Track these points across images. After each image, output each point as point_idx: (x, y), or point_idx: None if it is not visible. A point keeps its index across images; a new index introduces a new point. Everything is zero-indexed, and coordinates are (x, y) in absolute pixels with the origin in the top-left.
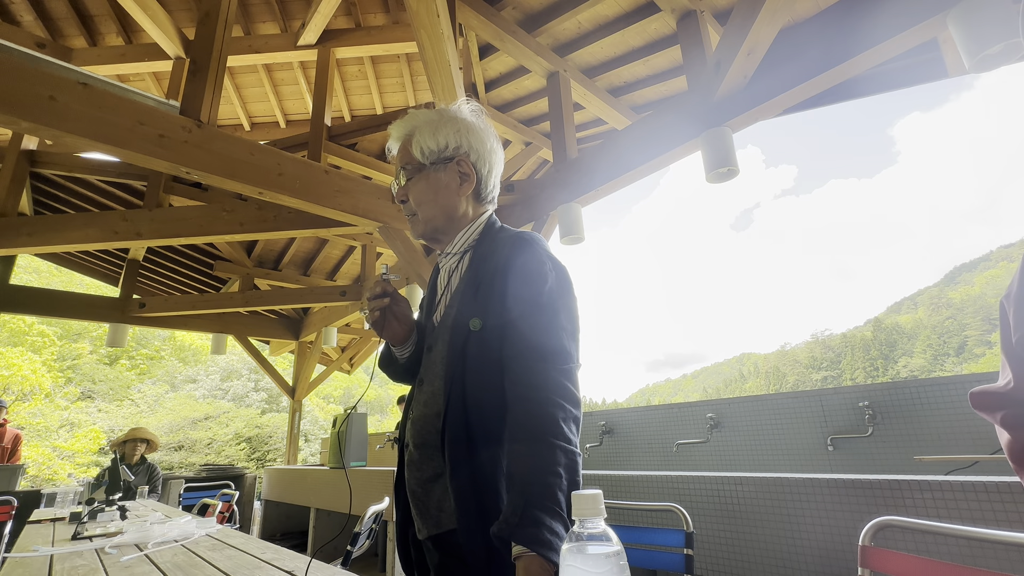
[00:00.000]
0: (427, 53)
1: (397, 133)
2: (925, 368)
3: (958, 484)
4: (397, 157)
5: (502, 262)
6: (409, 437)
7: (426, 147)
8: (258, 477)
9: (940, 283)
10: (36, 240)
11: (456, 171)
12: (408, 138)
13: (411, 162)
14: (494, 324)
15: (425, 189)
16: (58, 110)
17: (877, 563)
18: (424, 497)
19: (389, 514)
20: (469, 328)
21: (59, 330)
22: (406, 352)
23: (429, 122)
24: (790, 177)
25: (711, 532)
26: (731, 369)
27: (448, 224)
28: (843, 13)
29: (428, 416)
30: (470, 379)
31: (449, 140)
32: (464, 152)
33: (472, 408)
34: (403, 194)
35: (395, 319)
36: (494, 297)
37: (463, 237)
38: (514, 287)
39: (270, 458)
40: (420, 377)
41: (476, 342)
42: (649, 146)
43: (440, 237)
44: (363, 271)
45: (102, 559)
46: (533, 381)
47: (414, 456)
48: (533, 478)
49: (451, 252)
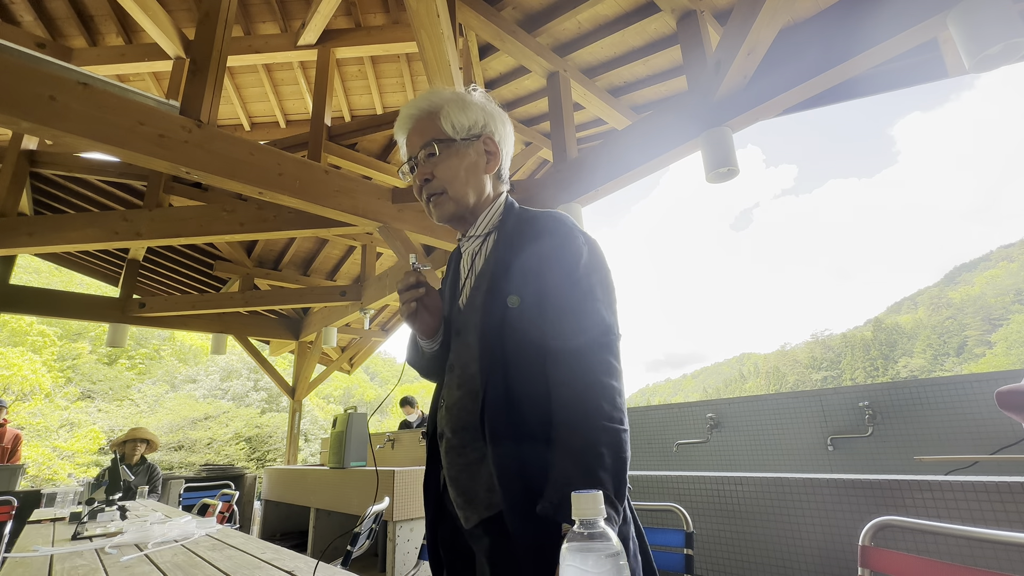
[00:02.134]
0: (427, 53)
1: (418, 109)
2: (925, 368)
3: (958, 484)
4: (419, 133)
5: (534, 239)
6: (444, 424)
7: (458, 122)
8: (258, 477)
9: (940, 283)
10: (36, 240)
11: (483, 149)
12: (434, 113)
13: (441, 136)
14: (531, 301)
15: (456, 165)
16: (58, 110)
17: (877, 563)
18: (469, 482)
19: (389, 514)
20: (506, 305)
21: (59, 330)
22: (435, 345)
23: (457, 99)
24: (790, 177)
25: (711, 532)
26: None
27: (476, 203)
28: (843, 13)
29: (464, 400)
30: (509, 357)
31: (477, 118)
32: (490, 130)
33: (513, 386)
34: (428, 172)
35: (426, 311)
36: (530, 274)
37: (485, 218)
38: (550, 263)
39: (270, 458)
40: (450, 363)
41: (514, 319)
42: (649, 146)
43: (467, 216)
44: (363, 271)
45: (102, 559)
46: (575, 359)
47: (453, 442)
48: (576, 459)
49: (473, 235)
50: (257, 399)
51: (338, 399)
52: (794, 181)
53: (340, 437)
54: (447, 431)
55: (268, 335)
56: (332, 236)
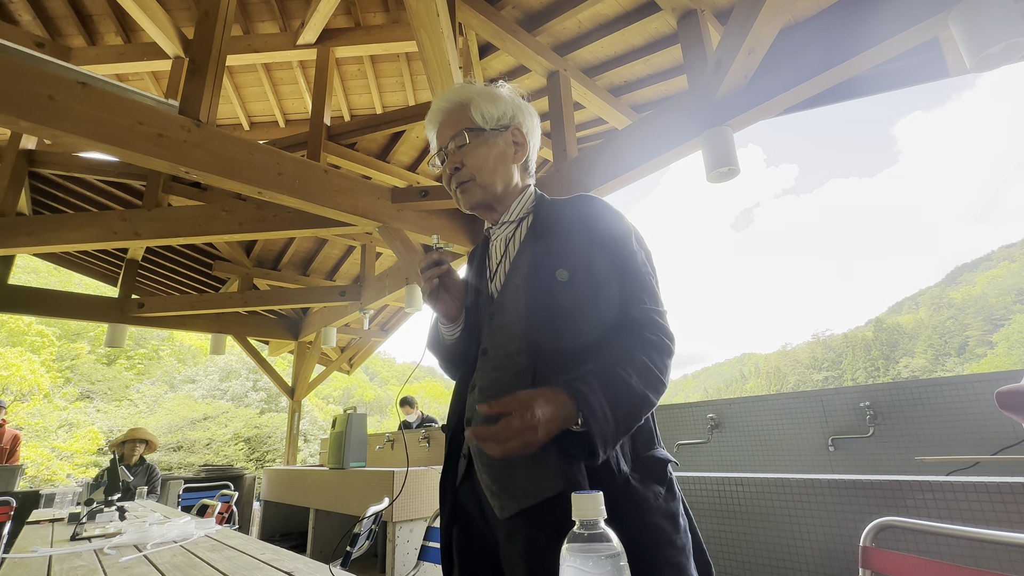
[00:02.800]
0: (427, 52)
1: (449, 101)
2: (926, 368)
3: (959, 485)
4: (450, 124)
5: (579, 218)
6: (474, 412)
7: (487, 113)
8: (257, 477)
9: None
10: (35, 240)
11: (511, 140)
12: (465, 104)
13: (472, 126)
14: (582, 275)
15: (486, 154)
16: (57, 110)
17: (878, 564)
18: (507, 470)
19: (388, 515)
20: (553, 279)
21: (58, 330)
22: (456, 332)
23: (486, 91)
24: (791, 176)
25: (712, 532)
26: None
27: (504, 192)
28: (844, 12)
29: (504, 378)
30: (560, 330)
31: (506, 109)
32: (518, 122)
33: (566, 359)
34: (458, 160)
35: (447, 292)
36: (579, 249)
37: (518, 205)
38: (602, 238)
39: (269, 458)
40: (483, 348)
41: (562, 293)
42: (649, 146)
43: (496, 206)
44: (363, 271)
45: (101, 560)
46: (632, 329)
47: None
48: (611, 368)
49: (507, 221)
50: (256, 399)
51: (337, 399)
52: (795, 181)
53: (339, 438)
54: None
55: (267, 335)
56: (331, 236)
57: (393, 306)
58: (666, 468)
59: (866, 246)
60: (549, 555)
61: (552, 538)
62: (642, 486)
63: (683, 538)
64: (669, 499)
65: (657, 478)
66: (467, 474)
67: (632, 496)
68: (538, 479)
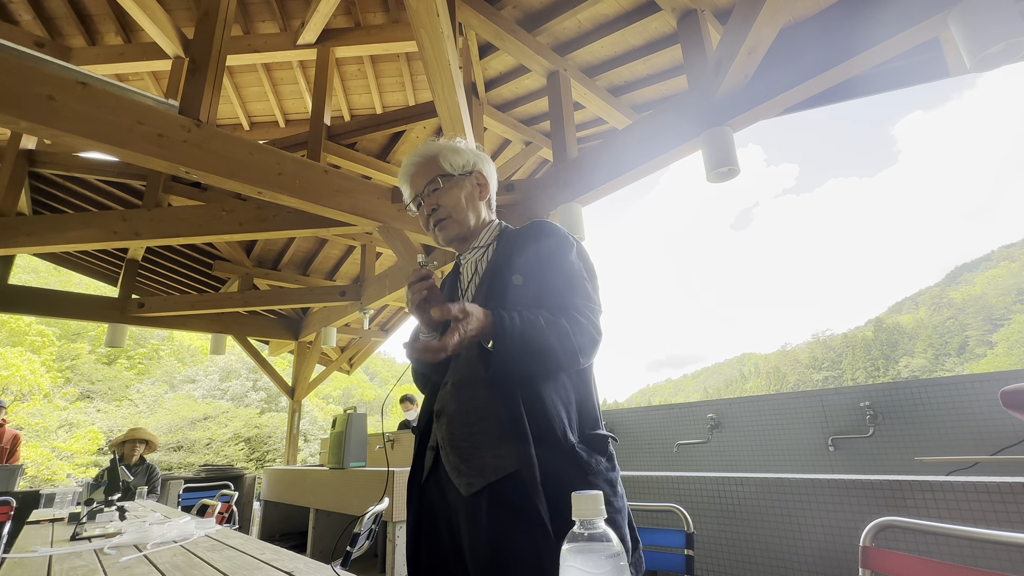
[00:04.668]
0: (427, 52)
1: (420, 156)
2: (926, 368)
3: (959, 485)
4: (423, 174)
5: (534, 238)
6: (448, 398)
7: (454, 162)
8: (257, 477)
9: (941, 283)
10: (35, 240)
11: (476, 182)
12: (434, 158)
13: (442, 173)
14: (532, 280)
15: (457, 195)
16: (57, 109)
17: (878, 564)
18: (474, 450)
19: (388, 515)
20: (510, 283)
21: (58, 330)
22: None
23: (449, 146)
24: (791, 176)
25: (712, 533)
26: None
27: (475, 225)
28: (844, 12)
29: (476, 373)
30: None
31: (468, 158)
32: (479, 168)
33: None
34: (434, 202)
35: (430, 304)
36: (531, 261)
37: (486, 234)
38: (548, 252)
39: (269, 458)
40: (458, 353)
41: (517, 293)
42: (649, 146)
43: (468, 237)
44: (362, 271)
45: (101, 560)
46: (565, 313)
47: (458, 410)
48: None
49: (477, 246)
50: (256, 399)
51: (337, 399)
52: (795, 180)
53: (339, 437)
54: (451, 402)
55: (267, 335)
56: (331, 236)
57: (393, 306)
58: (607, 442)
59: (866, 246)
60: (511, 537)
61: (512, 519)
62: (586, 454)
63: (620, 502)
64: (609, 469)
65: (599, 450)
66: (433, 467)
67: (577, 460)
68: (500, 456)
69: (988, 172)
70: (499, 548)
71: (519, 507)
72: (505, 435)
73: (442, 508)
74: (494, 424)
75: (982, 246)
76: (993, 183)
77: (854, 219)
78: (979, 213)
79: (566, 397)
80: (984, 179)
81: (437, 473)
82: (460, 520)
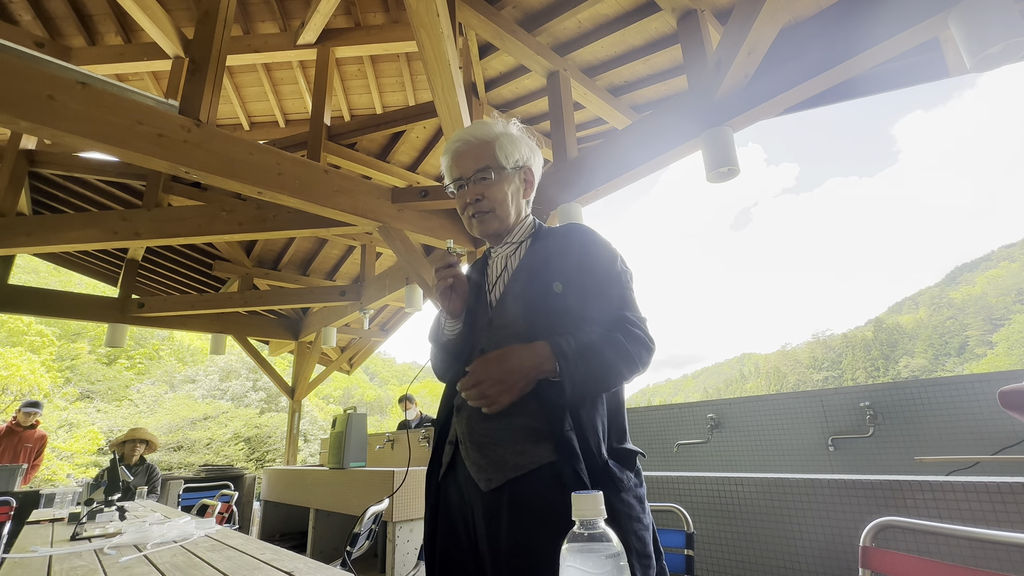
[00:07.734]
0: (427, 52)
1: (475, 136)
2: (926, 368)
3: (959, 485)
4: (475, 158)
5: (575, 243)
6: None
7: (509, 154)
8: (257, 477)
9: (941, 283)
10: (35, 240)
11: (524, 178)
12: (490, 143)
13: (494, 165)
14: (574, 288)
15: (505, 191)
16: (57, 109)
17: (878, 564)
18: (494, 446)
19: (388, 515)
20: (549, 290)
21: (57, 330)
22: (456, 327)
23: (508, 134)
24: (791, 176)
25: (712, 533)
26: (732, 369)
27: (514, 222)
28: (844, 12)
29: None
30: (557, 325)
31: (523, 152)
32: (531, 163)
33: None
34: (479, 192)
35: (455, 291)
36: (571, 268)
37: (520, 230)
38: (592, 260)
39: (269, 458)
40: (482, 347)
41: (557, 302)
42: (649, 145)
43: (504, 235)
44: (362, 271)
45: (101, 560)
46: (621, 322)
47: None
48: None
49: (510, 242)
50: (256, 399)
51: (337, 399)
52: (795, 180)
53: (340, 438)
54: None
55: (267, 335)
56: (331, 236)
57: (393, 306)
58: (635, 458)
59: (866, 245)
60: (531, 535)
61: (533, 518)
62: (618, 470)
63: (648, 519)
64: (638, 485)
65: (629, 465)
66: (452, 463)
67: (610, 476)
68: (520, 453)
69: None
70: (518, 545)
71: (535, 506)
72: (524, 434)
73: (459, 503)
74: (515, 420)
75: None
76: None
77: (854, 219)
78: (979, 212)
79: (602, 409)
80: (984, 179)
81: (455, 468)
82: (477, 516)
